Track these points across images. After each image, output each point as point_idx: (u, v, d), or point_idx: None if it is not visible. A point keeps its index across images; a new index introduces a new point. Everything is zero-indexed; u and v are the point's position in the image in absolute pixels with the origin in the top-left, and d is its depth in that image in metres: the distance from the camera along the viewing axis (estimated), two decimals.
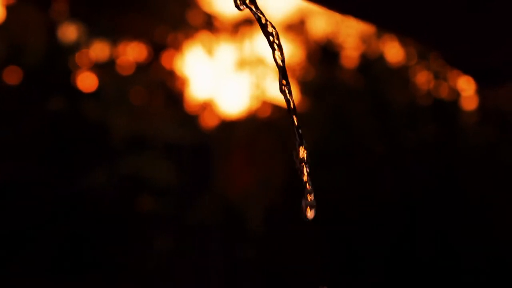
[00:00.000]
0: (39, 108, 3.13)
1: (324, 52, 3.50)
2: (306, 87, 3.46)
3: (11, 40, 3.18)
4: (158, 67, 3.41)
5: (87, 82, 3.26)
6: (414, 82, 3.53)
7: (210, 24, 3.40)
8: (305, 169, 0.57)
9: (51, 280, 2.99)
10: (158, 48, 3.38)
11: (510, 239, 3.14)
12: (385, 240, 3.19)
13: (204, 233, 3.15)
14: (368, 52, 3.52)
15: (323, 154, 3.16)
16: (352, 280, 3.10)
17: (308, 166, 0.57)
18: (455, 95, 3.49)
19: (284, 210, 3.22)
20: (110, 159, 3.13)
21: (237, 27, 3.38)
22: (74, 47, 3.28)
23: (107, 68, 3.31)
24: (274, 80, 3.38)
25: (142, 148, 3.19)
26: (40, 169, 3.07)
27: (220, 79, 3.43)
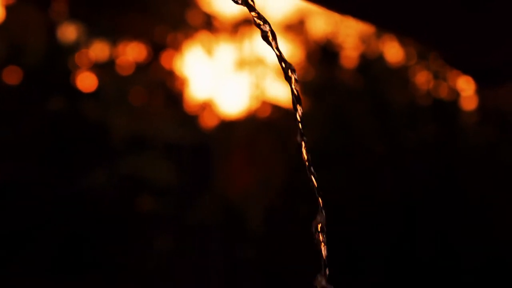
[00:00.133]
0: (39, 108, 3.13)
1: (324, 52, 3.50)
2: (305, 87, 3.46)
3: (11, 40, 3.18)
4: (158, 67, 3.41)
5: (87, 82, 3.26)
6: (414, 82, 3.53)
7: (209, 24, 3.40)
8: (321, 238, 0.53)
9: (51, 280, 2.99)
10: (157, 48, 3.38)
11: (510, 239, 3.14)
12: (385, 240, 3.19)
13: (204, 233, 3.14)
14: (368, 52, 3.52)
15: (323, 154, 3.16)
16: (352, 280, 3.10)
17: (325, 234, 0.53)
18: (455, 95, 3.49)
19: (284, 210, 3.22)
20: (110, 159, 3.13)
21: (236, 27, 3.38)
22: (74, 47, 3.28)
23: (107, 68, 3.31)
24: (274, 80, 3.38)
25: (142, 148, 3.19)
26: (40, 169, 3.07)
27: (219, 79, 3.43)
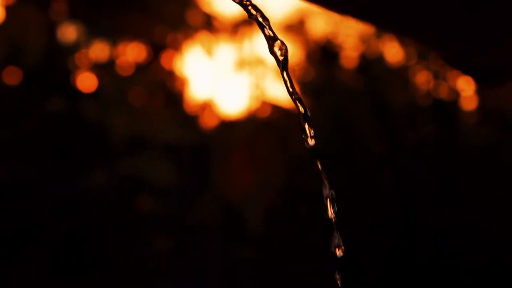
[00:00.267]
0: (39, 108, 3.13)
1: (324, 52, 3.50)
2: (305, 87, 3.46)
3: (11, 40, 3.18)
4: (158, 67, 3.41)
5: (87, 82, 3.26)
6: (414, 82, 3.53)
7: (209, 24, 3.40)
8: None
9: (51, 280, 2.99)
10: (157, 48, 3.38)
11: (510, 239, 3.14)
12: (385, 240, 3.19)
13: (204, 233, 3.14)
14: (368, 52, 3.52)
15: (323, 154, 3.16)
16: (352, 280, 3.09)
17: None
18: (455, 95, 3.49)
19: (284, 210, 3.22)
20: (110, 160, 3.13)
21: (236, 27, 3.38)
22: (74, 47, 3.28)
23: (106, 68, 3.31)
24: (273, 80, 3.38)
25: (142, 149, 3.19)
26: (40, 169, 3.07)
27: (219, 80, 3.43)
